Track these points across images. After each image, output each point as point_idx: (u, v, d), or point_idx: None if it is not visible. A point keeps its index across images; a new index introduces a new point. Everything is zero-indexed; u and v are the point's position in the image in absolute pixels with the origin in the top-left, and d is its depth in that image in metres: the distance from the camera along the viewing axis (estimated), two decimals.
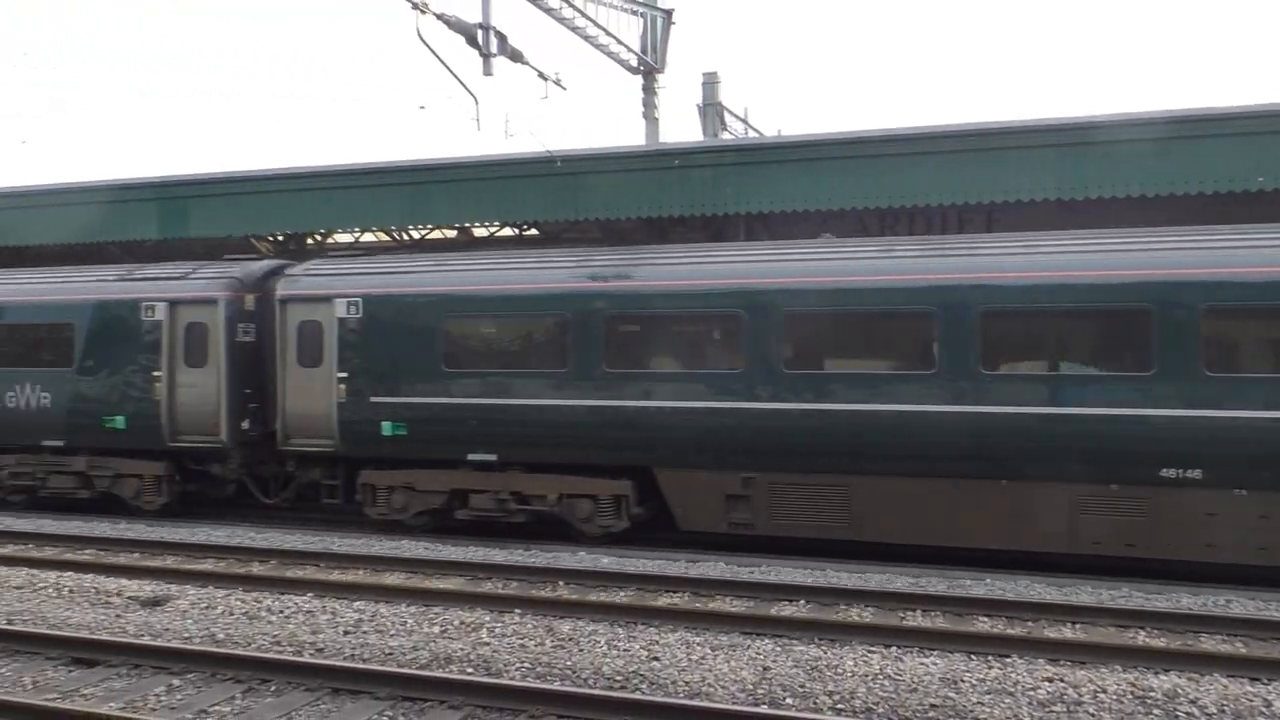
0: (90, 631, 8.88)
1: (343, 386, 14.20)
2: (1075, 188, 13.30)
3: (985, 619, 9.65)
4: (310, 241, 20.02)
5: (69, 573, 11.38)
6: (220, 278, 15.51)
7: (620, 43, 20.52)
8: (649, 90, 21.29)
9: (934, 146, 14.05)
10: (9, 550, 12.90)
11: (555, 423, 13.28)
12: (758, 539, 12.77)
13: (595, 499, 13.35)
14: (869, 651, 8.47)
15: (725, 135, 24.59)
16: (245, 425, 15.12)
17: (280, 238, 19.75)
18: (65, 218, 19.25)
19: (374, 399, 14.09)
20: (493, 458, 13.59)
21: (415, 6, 12.88)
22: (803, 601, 10.30)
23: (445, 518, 14.21)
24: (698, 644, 8.63)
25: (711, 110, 22.73)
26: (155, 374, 15.24)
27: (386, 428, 13.99)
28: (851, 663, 8.09)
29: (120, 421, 15.45)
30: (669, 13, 21.73)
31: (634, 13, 20.85)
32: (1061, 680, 7.66)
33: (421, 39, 12.89)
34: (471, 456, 13.68)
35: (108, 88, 70.37)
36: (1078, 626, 9.42)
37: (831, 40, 76.68)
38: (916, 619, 9.70)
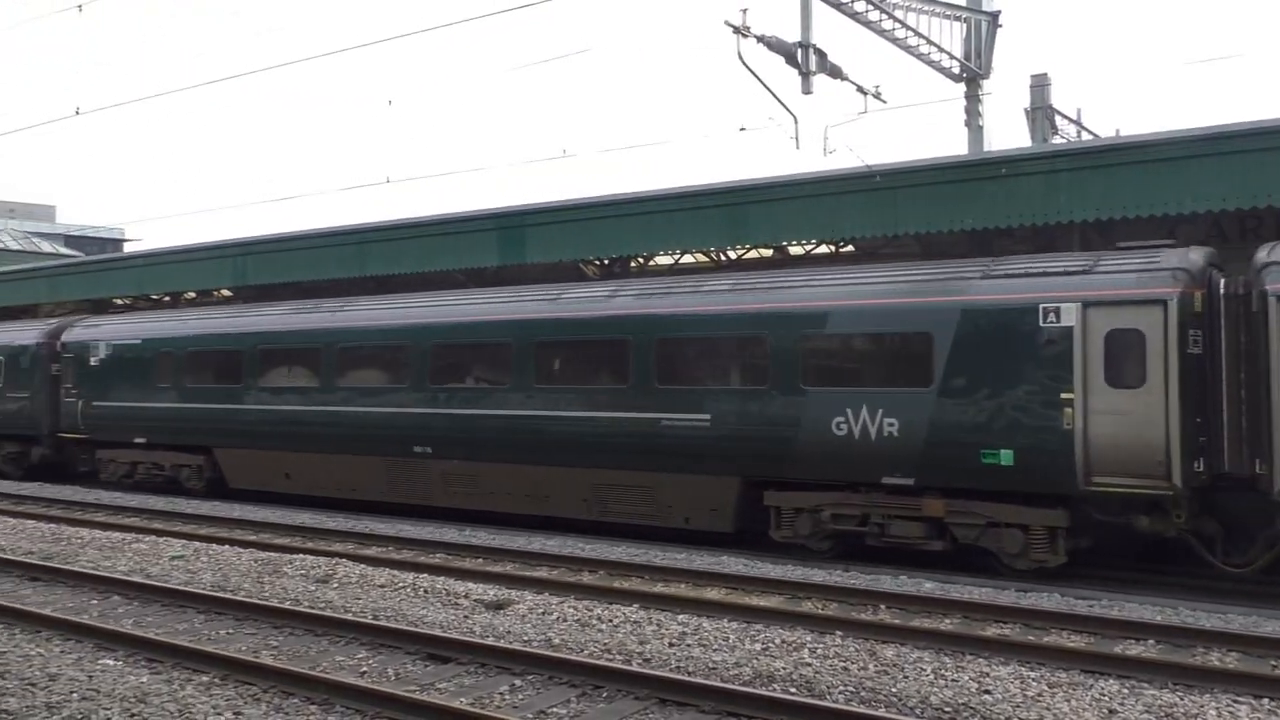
0: (442, 630, 9.61)
1: None
2: None
3: None
4: (634, 264, 20.85)
5: (424, 574, 12.40)
6: (1154, 270, 11.93)
7: (942, 50, 19.91)
8: (972, 97, 20.50)
9: None
10: (372, 552, 14.26)
11: None
12: None
13: None
14: (1234, 701, 7.63)
15: (1056, 139, 23.23)
16: (1198, 465, 11.54)
17: (606, 261, 20.70)
18: (424, 247, 21.17)
19: None
20: None
21: (736, 30, 13.10)
22: (1151, 641, 9.48)
23: None
24: (1033, 679, 8.12)
25: (1040, 114, 21.57)
26: (1064, 396, 11.95)
27: None
28: (1214, 713, 7.33)
29: (1005, 457, 12.22)
30: (995, 15, 20.84)
31: (957, 19, 20.16)
32: None
33: (743, 62, 13.08)
34: None
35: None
36: None
37: (1172, 30, 70.65)
38: None
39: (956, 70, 20.62)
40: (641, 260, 20.79)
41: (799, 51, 13.89)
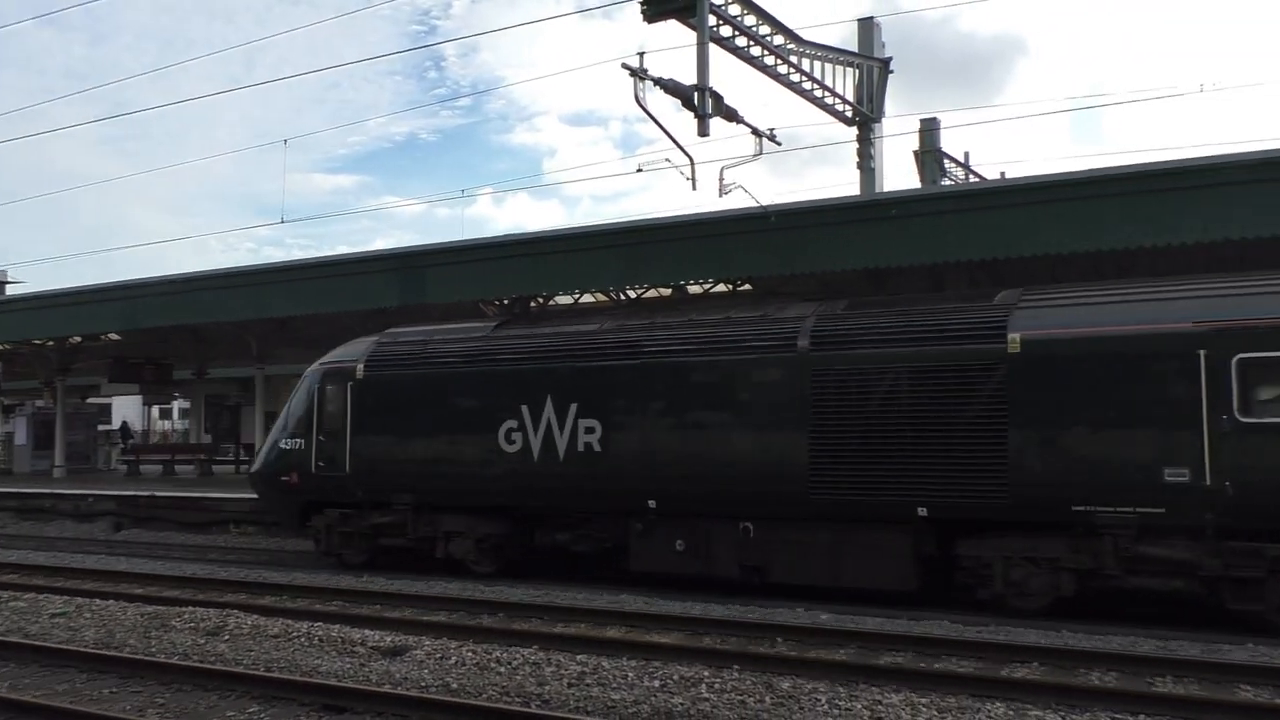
0: (338, 679, 9.40)
1: None
2: None
3: (1248, 688, 8.83)
4: (533, 304, 20.87)
5: (319, 623, 12.09)
6: None
7: (835, 95, 20.47)
8: (864, 140, 21.11)
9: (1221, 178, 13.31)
10: (267, 601, 13.89)
11: None
12: None
13: None
14: (1114, 718, 7.91)
15: (945, 182, 24.03)
16: None
17: (506, 301, 20.69)
18: (322, 288, 20.93)
19: None
20: None
21: (633, 74, 13.28)
22: (1036, 664, 9.75)
23: None
24: (923, 705, 8.28)
25: (929, 157, 22.30)
26: None
27: None
28: None
29: None
30: (886, 62, 21.53)
31: (850, 64, 20.75)
32: None
33: (640, 104, 13.27)
34: None
35: None
36: None
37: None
38: (1167, 685, 8.99)
39: (849, 114, 21.22)
40: (541, 300, 20.84)
41: (695, 95, 14.13)
